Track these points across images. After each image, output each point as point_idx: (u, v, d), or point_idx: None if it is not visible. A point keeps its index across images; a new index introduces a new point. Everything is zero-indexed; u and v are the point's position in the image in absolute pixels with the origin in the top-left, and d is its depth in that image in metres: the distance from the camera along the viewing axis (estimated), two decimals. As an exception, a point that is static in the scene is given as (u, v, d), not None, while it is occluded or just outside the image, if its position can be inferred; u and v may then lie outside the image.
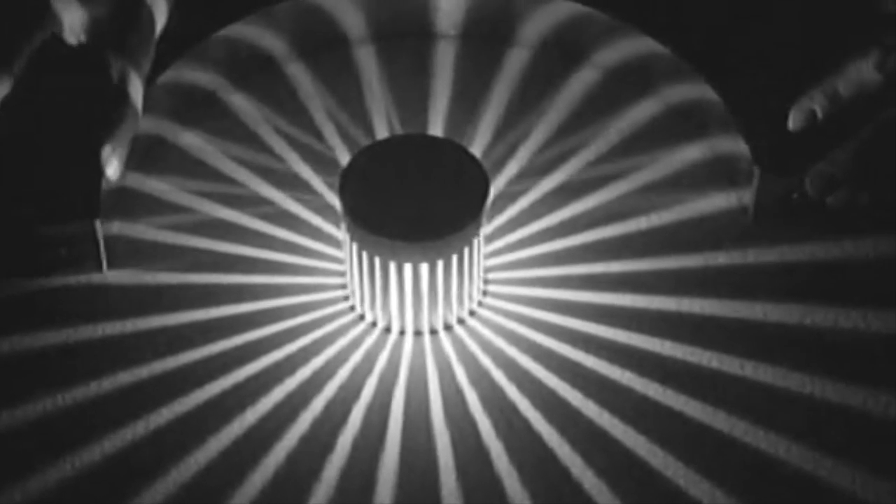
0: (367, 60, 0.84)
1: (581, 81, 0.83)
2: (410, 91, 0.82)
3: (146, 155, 0.79)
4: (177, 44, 0.78)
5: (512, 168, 0.79)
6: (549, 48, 0.84)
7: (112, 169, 0.72)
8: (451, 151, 0.72)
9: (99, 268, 0.73)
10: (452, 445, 0.67)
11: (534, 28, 0.83)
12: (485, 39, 0.84)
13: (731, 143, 0.76)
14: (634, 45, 0.81)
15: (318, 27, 0.83)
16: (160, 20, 0.76)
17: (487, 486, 0.66)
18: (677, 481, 0.66)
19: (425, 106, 0.82)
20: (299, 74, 0.83)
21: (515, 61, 0.84)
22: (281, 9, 0.81)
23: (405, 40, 0.85)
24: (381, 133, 0.80)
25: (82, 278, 0.73)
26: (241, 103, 0.82)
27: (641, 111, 0.82)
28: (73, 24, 0.72)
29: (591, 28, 0.82)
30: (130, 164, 0.75)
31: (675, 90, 0.80)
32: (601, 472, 0.66)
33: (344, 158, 0.79)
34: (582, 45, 0.83)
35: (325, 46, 0.84)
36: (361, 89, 0.82)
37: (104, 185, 0.72)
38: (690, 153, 0.79)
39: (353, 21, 0.84)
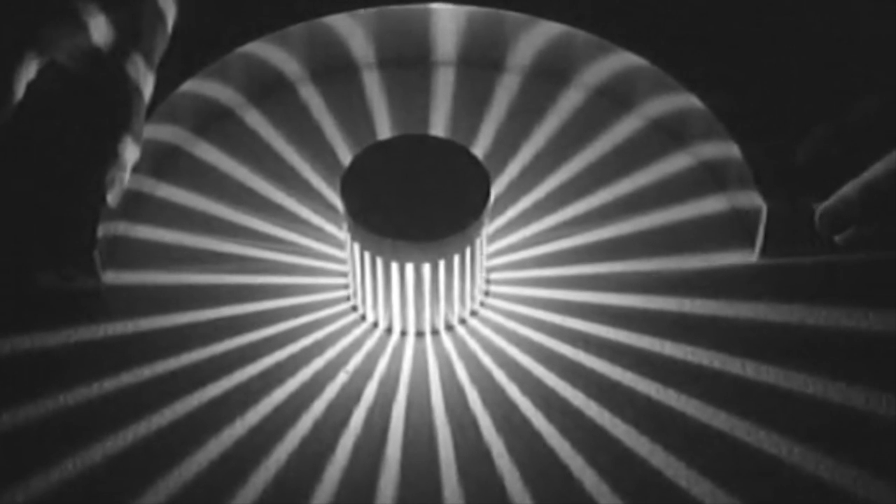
0: (371, 84, 0.83)
1: (569, 101, 0.82)
2: (411, 112, 0.82)
3: (159, 162, 0.78)
4: (197, 58, 0.78)
5: (513, 168, 0.78)
6: (538, 71, 0.83)
7: (112, 195, 0.70)
8: (453, 151, 0.71)
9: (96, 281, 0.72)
10: (454, 445, 0.66)
11: (523, 52, 0.83)
12: (479, 66, 0.84)
13: (719, 150, 0.76)
14: (618, 62, 0.80)
15: (329, 51, 0.83)
16: (170, 25, 0.75)
17: (489, 486, 0.65)
18: (678, 481, 0.65)
19: (426, 122, 0.81)
20: (310, 95, 0.83)
21: (509, 83, 0.83)
22: (295, 32, 0.81)
23: (406, 67, 0.84)
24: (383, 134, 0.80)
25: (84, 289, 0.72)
26: (254, 119, 0.81)
27: (630, 125, 0.81)
28: (98, 31, 0.70)
29: (577, 47, 0.81)
30: (142, 168, 0.74)
31: (659, 103, 0.80)
32: (602, 471, 0.65)
33: (346, 159, 0.78)
34: (568, 64, 0.82)
35: (334, 70, 0.84)
36: (367, 111, 0.82)
37: (103, 212, 0.71)
38: (682, 161, 0.79)
39: (360, 48, 0.84)
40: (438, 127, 0.80)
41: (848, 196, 0.69)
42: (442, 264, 0.69)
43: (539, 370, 0.69)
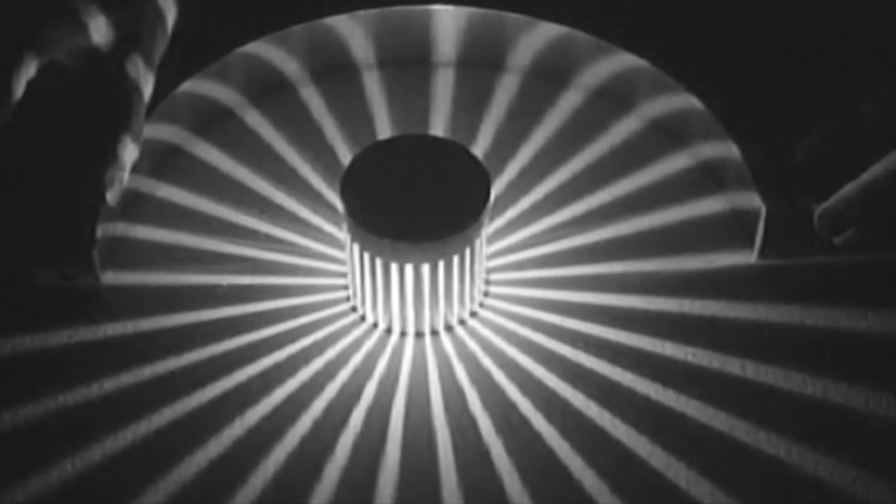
0: (371, 85, 0.83)
1: (568, 101, 0.82)
2: (411, 113, 0.81)
3: (159, 162, 0.77)
4: (196, 58, 0.78)
5: (513, 169, 0.78)
6: (538, 72, 0.83)
7: (112, 194, 0.70)
8: (453, 152, 0.70)
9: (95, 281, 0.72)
10: (453, 446, 0.66)
11: (523, 53, 0.83)
12: (479, 67, 0.84)
13: (718, 150, 0.76)
14: (618, 63, 0.80)
15: (330, 52, 0.83)
16: (170, 25, 0.75)
17: (488, 487, 0.64)
18: (678, 482, 0.64)
19: (426, 123, 0.81)
20: (310, 95, 0.82)
21: (509, 84, 0.83)
22: (295, 32, 0.81)
23: (406, 68, 0.84)
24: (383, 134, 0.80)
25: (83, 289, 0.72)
26: (254, 119, 0.81)
27: (629, 125, 0.80)
28: (98, 31, 0.70)
29: (576, 49, 0.81)
30: (142, 168, 0.74)
31: (658, 104, 0.80)
32: (602, 472, 0.65)
33: (346, 160, 0.77)
34: (568, 66, 0.82)
35: (335, 70, 0.83)
36: (367, 112, 0.81)
37: (103, 210, 0.71)
38: (681, 162, 0.79)
39: (361, 49, 0.83)
40: (438, 128, 0.80)
41: (847, 197, 0.68)
42: (441, 265, 0.68)
43: (539, 371, 0.69)
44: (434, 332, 0.71)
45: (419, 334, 0.71)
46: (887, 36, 0.78)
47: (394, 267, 0.68)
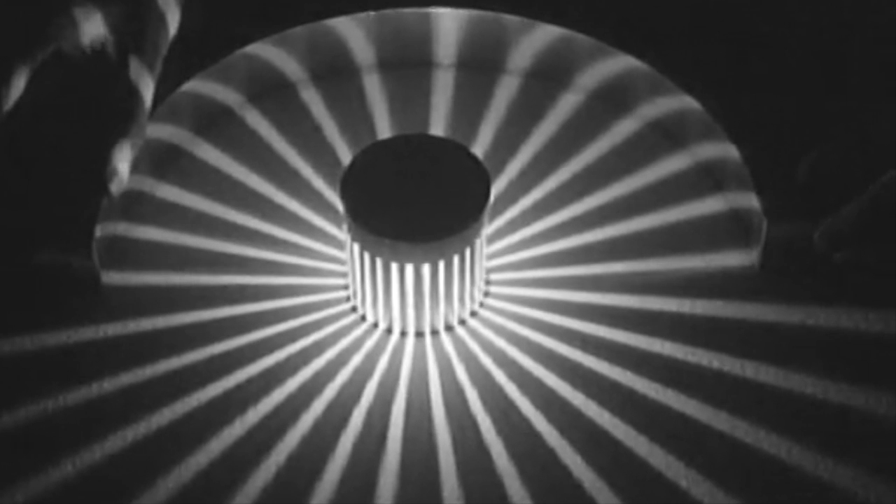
0: (371, 86, 0.82)
1: (568, 103, 0.81)
2: (411, 114, 0.80)
3: (159, 162, 0.77)
4: (198, 58, 0.77)
5: (513, 169, 0.77)
6: (537, 73, 0.82)
7: (115, 185, 0.69)
8: (453, 152, 0.70)
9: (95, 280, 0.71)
10: (453, 445, 0.65)
11: (522, 55, 0.82)
12: (478, 69, 0.83)
13: (716, 151, 0.75)
14: (616, 65, 0.79)
15: (330, 53, 0.82)
16: (173, 26, 0.74)
17: (488, 486, 0.63)
18: (678, 481, 0.64)
19: (426, 124, 0.80)
20: (311, 96, 0.82)
21: (508, 85, 0.82)
22: (296, 34, 0.80)
23: (407, 69, 0.83)
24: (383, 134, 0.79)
25: (83, 278, 0.71)
26: (255, 120, 0.80)
27: (627, 126, 0.80)
28: (94, 31, 0.69)
29: (575, 50, 0.80)
30: (142, 168, 0.73)
31: (656, 105, 0.79)
32: (602, 471, 0.64)
33: (346, 160, 0.76)
34: (567, 67, 0.81)
35: (335, 72, 0.83)
36: (368, 113, 0.81)
37: (105, 203, 0.70)
38: (680, 162, 0.78)
39: (361, 51, 0.83)
40: (438, 129, 0.79)
41: (848, 216, 0.68)
42: (442, 265, 0.67)
43: (539, 370, 0.68)
44: (434, 332, 0.70)
45: (419, 334, 0.70)
46: (888, 38, 0.78)
47: (394, 267, 0.67)
